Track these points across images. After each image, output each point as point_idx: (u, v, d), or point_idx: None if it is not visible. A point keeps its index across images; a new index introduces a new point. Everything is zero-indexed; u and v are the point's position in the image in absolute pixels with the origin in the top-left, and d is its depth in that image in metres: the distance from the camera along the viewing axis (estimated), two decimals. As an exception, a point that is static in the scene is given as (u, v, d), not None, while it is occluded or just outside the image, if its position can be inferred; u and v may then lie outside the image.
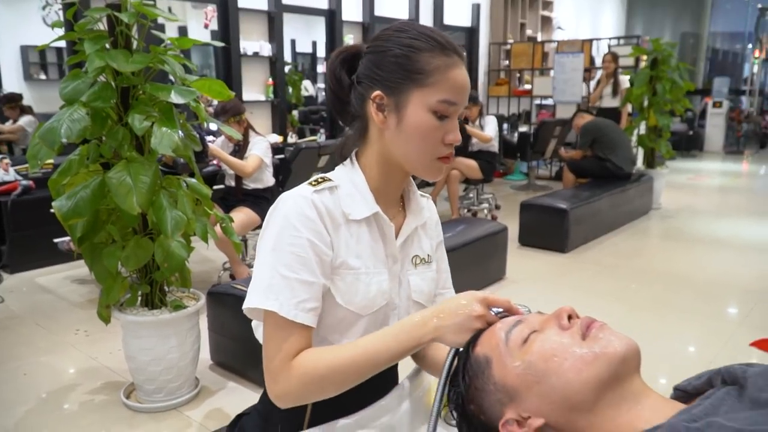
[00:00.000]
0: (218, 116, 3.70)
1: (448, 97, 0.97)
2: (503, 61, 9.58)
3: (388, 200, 1.09)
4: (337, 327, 1.03)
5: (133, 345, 2.42)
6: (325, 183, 1.03)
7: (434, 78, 0.96)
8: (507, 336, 0.84)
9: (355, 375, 0.95)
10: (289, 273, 0.95)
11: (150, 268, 2.39)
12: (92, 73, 2.11)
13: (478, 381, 0.84)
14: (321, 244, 0.98)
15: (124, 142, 2.21)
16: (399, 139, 1.00)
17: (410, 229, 1.11)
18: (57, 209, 2.10)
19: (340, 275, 1.01)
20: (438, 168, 1.02)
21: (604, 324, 0.80)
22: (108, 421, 2.40)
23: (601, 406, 0.75)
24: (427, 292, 1.13)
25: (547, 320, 0.84)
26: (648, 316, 3.52)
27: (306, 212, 0.98)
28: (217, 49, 6.64)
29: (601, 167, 5.83)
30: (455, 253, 3.57)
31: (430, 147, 0.99)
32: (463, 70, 0.99)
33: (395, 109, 0.99)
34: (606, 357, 0.76)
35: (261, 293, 0.96)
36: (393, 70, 0.98)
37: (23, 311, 3.56)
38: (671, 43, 6.31)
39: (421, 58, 0.96)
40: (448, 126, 0.99)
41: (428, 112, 0.97)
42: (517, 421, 0.80)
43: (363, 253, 1.03)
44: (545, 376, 0.77)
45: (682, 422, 0.66)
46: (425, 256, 1.14)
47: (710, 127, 12.16)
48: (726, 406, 0.69)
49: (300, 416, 1.08)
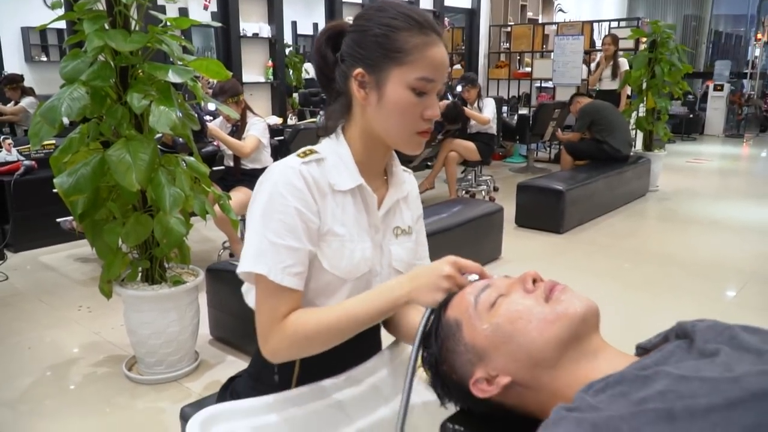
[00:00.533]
0: (216, 96, 3.74)
1: (425, 75, 1.01)
2: (503, 43, 9.57)
3: (372, 173, 1.14)
4: (323, 291, 1.09)
5: (134, 319, 2.49)
6: (313, 155, 1.08)
7: (412, 56, 1.00)
8: (476, 300, 0.89)
9: (339, 334, 1.02)
10: (276, 239, 1.01)
11: (150, 244, 2.46)
12: (91, 52, 2.15)
13: (450, 343, 0.90)
14: (308, 213, 1.03)
15: (123, 121, 2.26)
16: (380, 115, 1.05)
17: (392, 201, 1.16)
18: (58, 186, 2.16)
19: (326, 242, 1.06)
20: (417, 142, 1.07)
21: (566, 287, 0.86)
22: (110, 392, 2.48)
23: (563, 363, 0.81)
24: (407, 261, 1.19)
25: (512, 284, 0.90)
26: (641, 294, 3.58)
27: (294, 182, 1.03)
28: (217, 31, 6.66)
29: (599, 149, 5.86)
30: (451, 232, 3.63)
31: (409, 122, 1.03)
32: (440, 47, 1.03)
33: (376, 86, 1.03)
34: (567, 317, 0.81)
35: (251, 258, 1.02)
36: (373, 49, 1.02)
37: (27, 288, 3.63)
38: (670, 25, 6.31)
39: (399, 37, 1.00)
40: (427, 102, 1.03)
41: (407, 89, 1.01)
42: (487, 379, 0.85)
43: (347, 221, 1.08)
44: (511, 337, 0.83)
45: (632, 370, 0.72)
46: (406, 228, 1.19)
47: (711, 111, 12.13)
48: (676, 357, 0.75)
49: (288, 377, 1.14)
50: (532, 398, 0.83)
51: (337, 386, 1.12)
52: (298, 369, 1.14)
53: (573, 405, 0.70)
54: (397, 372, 1.20)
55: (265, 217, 1.02)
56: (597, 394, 0.70)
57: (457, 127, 5.57)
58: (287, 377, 1.14)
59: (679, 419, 0.60)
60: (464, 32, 9.26)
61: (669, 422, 0.61)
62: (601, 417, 0.64)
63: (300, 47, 10.24)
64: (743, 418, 0.58)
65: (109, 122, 2.27)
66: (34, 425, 2.27)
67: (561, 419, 0.67)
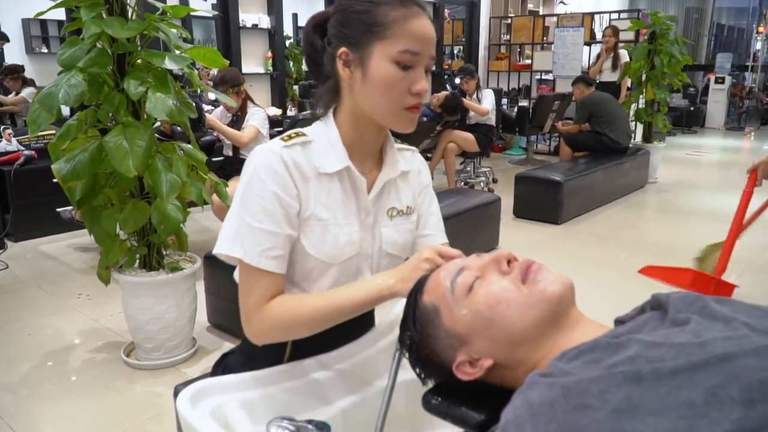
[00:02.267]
0: (217, 86, 3.76)
1: (408, 47, 1.00)
2: (504, 35, 9.56)
3: (364, 154, 1.13)
4: (309, 275, 1.10)
5: (132, 305, 2.51)
6: (298, 138, 1.08)
7: (393, 29, 1.00)
8: (452, 285, 0.89)
9: (321, 322, 1.04)
10: (254, 222, 1.02)
11: (147, 230, 2.48)
12: (89, 39, 2.17)
13: (429, 329, 0.90)
14: (287, 197, 1.03)
15: (120, 108, 2.28)
16: (366, 93, 1.04)
17: (383, 182, 1.14)
18: (56, 172, 2.18)
19: (309, 226, 1.07)
20: (408, 118, 1.06)
21: (541, 265, 0.87)
22: (109, 377, 2.51)
23: (542, 339, 0.83)
24: (402, 243, 1.18)
25: (487, 265, 0.89)
26: (634, 282, 3.58)
27: (274, 166, 1.03)
28: (217, 22, 6.66)
29: (598, 141, 5.87)
30: (448, 222, 3.58)
31: (396, 98, 1.02)
32: (423, 19, 1.02)
33: (360, 63, 1.03)
34: (545, 299, 0.82)
35: (228, 241, 1.04)
36: (355, 26, 1.02)
37: (27, 277, 3.66)
38: (670, 16, 6.30)
39: (379, 11, 1.00)
40: (414, 76, 1.02)
41: (391, 63, 1.00)
42: (469, 362, 0.87)
43: (332, 205, 1.08)
44: (492, 322, 0.84)
45: (605, 338, 0.74)
46: (403, 208, 1.18)
47: (712, 103, 12.12)
48: (649, 326, 0.77)
49: (280, 353, 1.16)
50: (513, 375, 0.85)
51: (326, 363, 1.15)
52: (290, 346, 1.16)
53: (547, 371, 0.72)
54: (386, 350, 1.22)
55: (244, 201, 1.04)
56: (570, 361, 0.72)
57: (456, 118, 5.58)
58: (279, 354, 1.16)
59: (646, 381, 0.63)
60: (464, 24, 9.24)
61: (636, 384, 0.63)
62: (571, 380, 0.66)
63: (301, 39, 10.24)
64: (706, 379, 0.60)
65: (107, 109, 2.29)
66: (34, 409, 2.30)
67: (535, 383, 0.70)
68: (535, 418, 0.65)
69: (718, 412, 0.57)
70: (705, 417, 0.57)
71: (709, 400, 0.58)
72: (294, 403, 1.08)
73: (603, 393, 0.63)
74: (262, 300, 1.04)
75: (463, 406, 0.89)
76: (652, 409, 0.60)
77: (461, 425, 0.89)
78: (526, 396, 0.68)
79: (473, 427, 0.87)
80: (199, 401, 0.99)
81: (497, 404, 0.79)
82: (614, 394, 0.63)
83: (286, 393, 1.08)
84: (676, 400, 0.60)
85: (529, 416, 0.66)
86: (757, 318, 0.71)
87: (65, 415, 2.27)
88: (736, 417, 0.56)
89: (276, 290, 1.05)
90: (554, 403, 0.65)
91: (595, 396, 0.63)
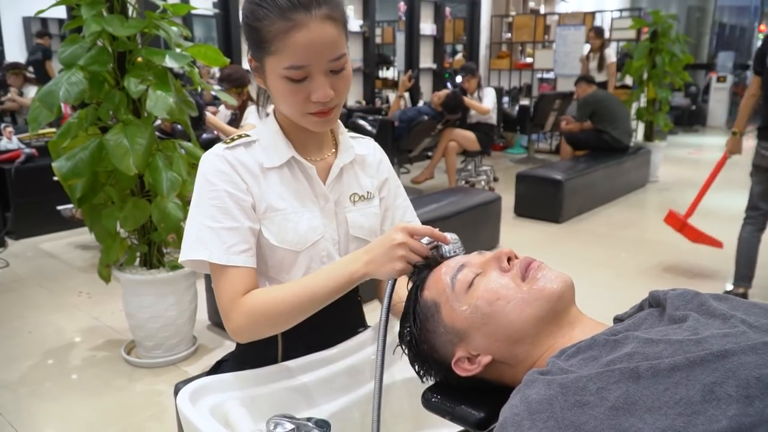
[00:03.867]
0: (222, 81, 3.76)
1: (292, 63, 0.95)
2: (505, 33, 9.55)
3: (312, 144, 1.14)
4: (280, 266, 1.11)
5: (133, 303, 2.52)
6: (240, 140, 1.10)
7: (276, 45, 0.95)
8: (453, 281, 0.89)
9: (298, 310, 1.01)
10: (213, 223, 1.03)
11: (147, 229, 2.48)
12: (89, 37, 2.17)
13: (429, 324, 0.90)
14: (237, 192, 1.05)
15: (120, 106, 2.28)
16: (273, 99, 1.07)
17: (338, 168, 1.15)
18: (57, 169, 2.18)
19: (268, 218, 1.08)
20: (314, 122, 1.04)
21: (541, 263, 0.87)
22: (109, 375, 2.51)
23: (541, 337, 0.83)
24: (368, 227, 1.18)
25: (487, 262, 0.90)
26: (634, 281, 3.60)
27: (219, 167, 1.05)
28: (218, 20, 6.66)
29: (599, 139, 5.86)
30: (448, 221, 3.64)
31: (296, 107, 1.02)
32: (308, 28, 0.94)
33: (262, 72, 1.04)
34: (544, 297, 0.83)
35: (190, 245, 1.04)
36: (248, 39, 1.01)
37: (28, 275, 3.66)
38: (672, 15, 6.29)
39: (262, 27, 0.96)
40: (312, 86, 0.98)
41: (281, 78, 0.98)
42: (468, 358, 0.87)
43: (287, 195, 1.09)
44: (491, 318, 0.84)
45: (603, 336, 0.74)
46: (364, 193, 1.19)
47: (713, 102, 12.09)
48: (647, 323, 0.77)
49: (273, 355, 1.16)
50: (511, 372, 0.85)
51: (326, 360, 1.15)
52: (281, 349, 1.16)
53: (545, 369, 0.72)
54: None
55: (199, 206, 1.05)
56: (568, 359, 0.73)
57: (457, 116, 5.57)
58: (272, 356, 1.16)
59: (644, 378, 0.63)
60: (466, 22, 9.24)
61: (634, 381, 0.63)
62: (570, 378, 0.67)
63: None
64: (703, 376, 0.60)
65: (107, 107, 2.29)
66: (34, 406, 2.30)
67: (533, 381, 0.70)
68: (534, 416, 0.65)
69: (716, 409, 0.57)
70: (702, 414, 0.57)
71: (707, 397, 0.58)
72: (294, 400, 1.08)
73: (601, 390, 0.63)
74: (236, 295, 1.02)
75: (463, 404, 0.89)
76: (650, 406, 0.60)
77: (460, 423, 0.89)
78: (525, 394, 0.68)
79: (472, 425, 0.87)
80: (199, 399, 0.99)
81: (496, 402, 0.79)
82: (612, 391, 0.63)
83: (286, 391, 1.08)
84: (674, 397, 0.60)
85: (528, 414, 0.66)
86: (755, 315, 0.71)
87: (66, 412, 2.27)
88: (734, 414, 0.56)
89: (249, 284, 1.04)
90: (552, 400, 0.65)
91: (593, 393, 0.63)
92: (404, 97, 6.29)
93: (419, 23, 7.68)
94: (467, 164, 6.28)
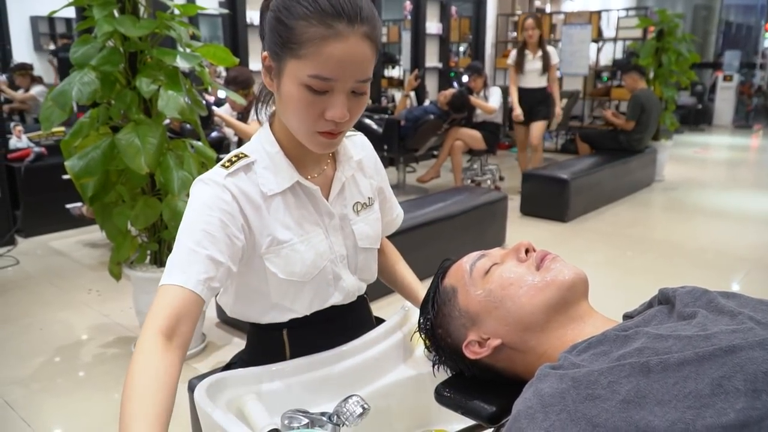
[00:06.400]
0: (228, 84, 3.80)
1: (319, 72, 0.87)
2: (511, 32, 9.55)
3: (311, 159, 1.07)
4: (285, 295, 1.07)
5: (143, 300, 2.55)
6: (239, 162, 1.00)
7: (307, 49, 0.87)
8: (471, 268, 0.94)
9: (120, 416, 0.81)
10: (199, 249, 0.92)
11: (158, 227, 2.51)
12: (101, 37, 2.20)
13: (446, 308, 0.95)
14: (232, 227, 0.96)
15: (132, 105, 2.30)
16: (281, 107, 0.98)
17: (342, 182, 1.10)
18: (69, 168, 2.21)
19: (274, 252, 1.02)
20: (319, 143, 0.96)
21: (556, 256, 0.90)
22: (119, 372, 2.54)
23: (551, 327, 0.85)
24: (374, 235, 1.16)
25: (507, 254, 0.94)
26: (640, 281, 3.61)
27: (219, 194, 0.97)
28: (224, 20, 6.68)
29: (614, 140, 5.87)
30: (454, 220, 3.66)
31: (306, 121, 0.93)
32: (347, 41, 0.87)
33: (277, 74, 0.94)
34: (555, 284, 0.86)
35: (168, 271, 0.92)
36: (274, 35, 0.91)
37: (38, 272, 3.70)
38: (678, 14, 6.29)
39: (296, 26, 0.87)
40: (330, 101, 0.91)
41: (300, 85, 0.90)
42: (478, 342, 0.90)
43: (291, 222, 1.03)
44: (503, 302, 0.87)
45: (614, 331, 0.76)
46: (365, 200, 1.15)
47: (720, 101, 12.06)
48: (657, 320, 0.79)
49: (280, 357, 1.16)
50: (520, 360, 0.87)
51: (340, 356, 1.17)
52: (288, 349, 1.17)
53: (557, 364, 0.74)
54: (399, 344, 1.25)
55: (189, 229, 0.95)
56: (580, 354, 0.74)
57: (463, 115, 5.58)
58: (280, 356, 1.16)
59: (654, 372, 0.64)
60: (471, 21, 9.24)
61: (644, 375, 0.65)
62: (581, 372, 0.68)
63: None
64: (712, 370, 0.62)
65: (119, 107, 2.32)
66: (45, 403, 2.33)
67: (545, 376, 0.72)
68: (547, 408, 0.67)
69: (724, 402, 0.59)
70: (711, 407, 0.59)
71: (715, 391, 0.60)
72: (307, 396, 1.10)
73: (612, 384, 0.65)
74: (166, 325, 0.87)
75: (475, 398, 0.91)
76: (660, 400, 0.62)
77: (473, 417, 0.91)
78: (537, 388, 0.70)
79: (485, 419, 0.89)
80: (215, 393, 1.01)
81: (508, 397, 0.81)
82: (623, 385, 0.65)
83: (301, 386, 1.10)
84: (683, 391, 0.62)
85: (541, 407, 0.67)
86: (763, 312, 0.72)
87: (77, 408, 2.30)
88: (741, 407, 0.58)
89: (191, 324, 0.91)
90: (565, 394, 0.67)
91: (605, 387, 0.65)
92: (410, 96, 6.31)
93: (425, 22, 7.69)
94: (473, 163, 6.29)
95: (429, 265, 1.33)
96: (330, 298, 1.11)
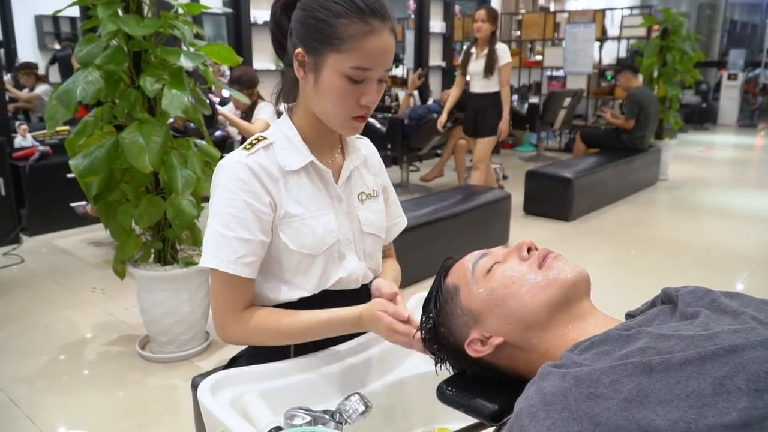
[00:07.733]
0: (233, 84, 3.80)
1: (361, 64, 1.01)
2: (514, 31, 9.54)
3: (325, 146, 1.17)
4: (296, 269, 1.14)
5: (147, 299, 2.55)
6: (260, 143, 1.11)
7: (349, 45, 1.00)
8: (473, 266, 0.94)
9: (291, 340, 1.13)
10: (228, 232, 1.06)
11: (162, 225, 2.52)
12: (105, 37, 2.21)
13: (448, 307, 0.95)
14: (258, 204, 1.07)
15: (136, 104, 2.31)
16: (316, 97, 1.08)
17: (350, 169, 1.19)
18: (74, 167, 2.22)
19: (286, 224, 1.10)
20: (353, 127, 1.10)
21: (559, 255, 0.90)
22: (123, 370, 2.55)
23: (553, 325, 0.85)
24: (378, 223, 1.24)
25: (509, 252, 0.94)
26: (643, 280, 3.60)
27: (241, 176, 1.07)
28: (228, 19, 6.69)
29: (616, 139, 5.85)
30: (457, 219, 3.66)
31: (344, 108, 1.06)
32: (382, 36, 1.01)
33: (314, 68, 1.05)
34: (557, 282, 0.86)
35: (205, 253, 1.08)
36: (312, 32, 1.02)
37: (42, 271, 3.71)
38: (682, 12, 6.27)
39: (338, 24, 1.00)
40: (364, 89, 1.04)
41: (342, 76, 1.02)
42: (481, 340, 0.90)
43: (304, 199, 1.12)
44: (504, 300, 0.88)
45: (616, 331, 0.76)
46: (370, 192, 1.24)
47: (724, 100, 12.01)
48: (659, 319, 0.79)
49: (285, 354, 1.18)
50: (522, 359, 0.87)
51: (343, 354, 1.18)
52: (292, 349, 1.18)
53: (559, 362, 0.74)
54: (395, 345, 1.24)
55: (217, 214, 1.07)
56: (582, 353, 0.74)
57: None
58: (284, 354, 1.18)
59: (656, 371, 0.64)
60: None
61: (646, 374, 0.65)
62: (584, 371, 0.68)
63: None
64: (714, 370, 0.62)
65: (123, 106, 2.33)
66: (50, 400, 2.34)
67: (547, 374, 0.72)
68: (549, 407, 0.67)
69: (726, 402, 0.59)
70: (713, 406, 0.59)
71: (717, 390, 0.60)
72: (311, 393, 1.11)
73: (614, 383, 0.65)
74: (236, 307, 1.09)
75: (477, 397, 0.91)
76: (662, 399, 0.62)
77: (475, 415, 0.91)
78: (540, 386, 0.70)
79: (487, 417, 0.89)
80: (219, 391, 1.02)
81: (510, 395, 0.81)
82: (625, 384, 0.65)
83: (304, 384, 1.11)
84: (685, 390, 0.62)
85: (543, 405, 0.68)
86: (766, 312, 0.72)
87: (82, 406, 2.31)
88: (743, 406, 0.58)
89: (249, 295, 1.11)
90: (567, 392, 0.67)
91: (607, 386, 0.65)
92: (413, 95, 6.31)
93: (428, 21, 7.68)
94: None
95: (431, 264, 1.33)
96: (333, 276, 1.17)
